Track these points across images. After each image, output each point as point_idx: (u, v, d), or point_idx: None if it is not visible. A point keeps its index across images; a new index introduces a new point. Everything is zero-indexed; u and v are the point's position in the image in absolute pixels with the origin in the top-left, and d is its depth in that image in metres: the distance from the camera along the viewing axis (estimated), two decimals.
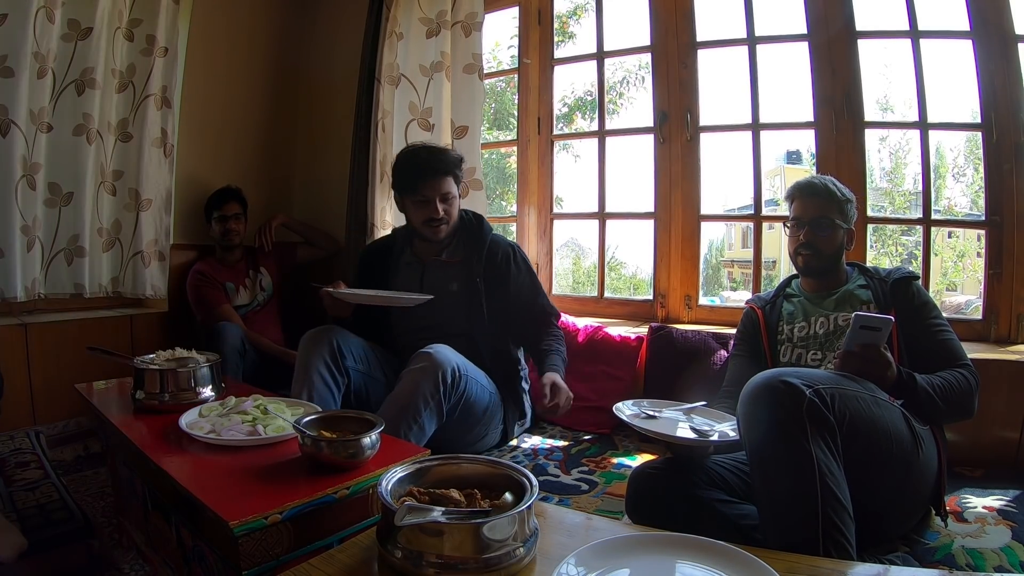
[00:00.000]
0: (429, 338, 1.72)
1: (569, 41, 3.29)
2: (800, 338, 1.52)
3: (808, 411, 1.00)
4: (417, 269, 1.90)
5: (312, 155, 3.12)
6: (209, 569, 1.05)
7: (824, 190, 1.49)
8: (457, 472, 0.89)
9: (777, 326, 1.57)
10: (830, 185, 1.50)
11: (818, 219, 1.46)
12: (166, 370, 1.42)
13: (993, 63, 1.83)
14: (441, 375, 1.54)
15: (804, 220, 1.49)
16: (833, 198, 1.49)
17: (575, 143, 3.32)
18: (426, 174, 1.75)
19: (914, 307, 1.41)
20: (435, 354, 1.56)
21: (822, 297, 1.53)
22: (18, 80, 2.07)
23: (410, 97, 2.56)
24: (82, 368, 2.00)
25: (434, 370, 1.54)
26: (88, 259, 2.36)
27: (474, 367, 1.70)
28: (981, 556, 1.19)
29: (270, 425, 1.18)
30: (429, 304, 1.75)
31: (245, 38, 2.90)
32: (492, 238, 1.90)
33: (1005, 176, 1.85)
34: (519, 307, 1.88)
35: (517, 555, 0.74)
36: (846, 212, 1.49)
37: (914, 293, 1.44)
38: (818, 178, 1.54)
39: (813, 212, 1.48)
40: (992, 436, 1.68)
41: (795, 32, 2.13)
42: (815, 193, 1.50)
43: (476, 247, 1.86)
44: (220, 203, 2.55)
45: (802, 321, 1.53)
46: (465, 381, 1.61)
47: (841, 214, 1.48)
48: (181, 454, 1.16)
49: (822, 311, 1.51)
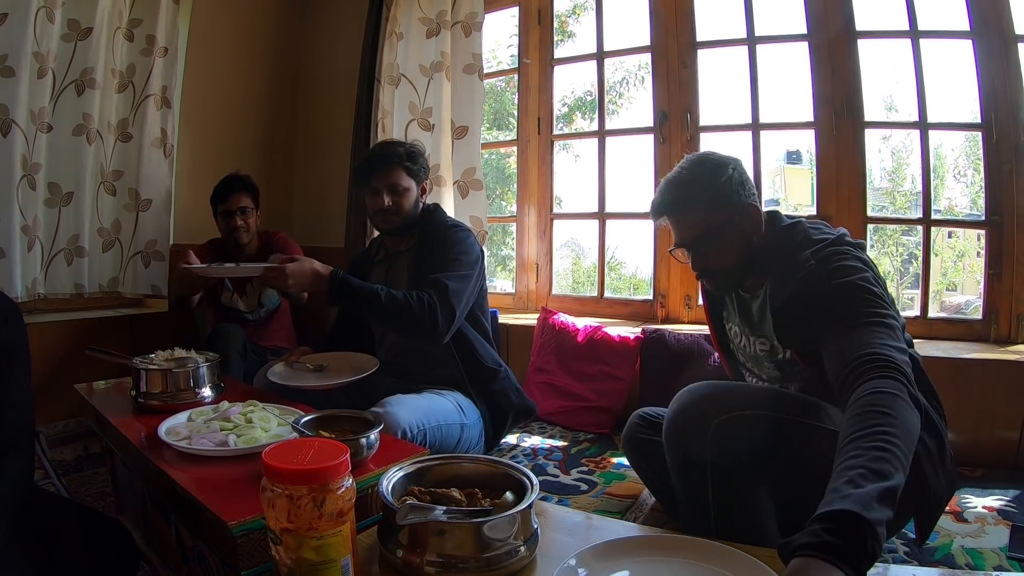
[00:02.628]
0: (400, 353, 1.73)
1: (569, 41, 3.28)
2: (739, 347, 1.31)
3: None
4: (385, 266, 1.85)
5: (312, 155, 3.12)
6: (208, 569, 1.05)
7: (678, 202, 1.15)
8: (457, 472, 0.89)
9: (722, 317, 1.35)
10: (682, 191, 1.14)
11: (690, 241, 1.14)
12: (165, 370, 1.42)
13: (993, 63, 1.84)
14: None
15: (678, 245, 1.18)
16: (693, 204, 1.13)
17: (575, 143, 3.32)
18: (375, 166, 1.75)
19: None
20: (384, 416, 1.40)
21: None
22: (18, 80, 2.07)
23: (410, 97, 2.56)
24: (82, 368, 2.00)
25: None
26: (88, 259, 2.37)
27: (436, 403, 1.56)
28: (980, 556, 1.19)
29: (243, 436, 1.17)
30: None
31: (245, 38, 2.90)
32: (442, 224, 1.76)
33: (1005, 176, 1.86)
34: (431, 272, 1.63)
35: (518, 554, 0.74)
36: (721, 199, 1.11)
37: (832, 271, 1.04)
38: (671, 184, 1.17)
39: (680, 234, 1.16)
40: (992, 436, 1.68)
41: (795, 32, 2.13)
42: (673, 211, 1.16)
43: (427, 237, 1.76)
44: (224, 195, 2.28)
45: (735, 326, 1.30)
46: (424, 435, 1.47)
47: (716, 208, 1.11)
48: (180, 455, 1.16)
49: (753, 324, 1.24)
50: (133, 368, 1.43)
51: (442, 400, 1.59)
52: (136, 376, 1.42)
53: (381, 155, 1.76)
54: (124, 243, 2.49)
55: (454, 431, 1.58)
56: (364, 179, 1.77)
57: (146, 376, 1.41)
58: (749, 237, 1.16)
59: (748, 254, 1.16)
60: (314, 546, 0.65)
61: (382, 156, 1.76)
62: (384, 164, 1.74)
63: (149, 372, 1.41)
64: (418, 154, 1.78)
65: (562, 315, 2.33)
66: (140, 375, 1.41)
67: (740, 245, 1.15)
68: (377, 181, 1.73)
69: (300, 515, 0.64)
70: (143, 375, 1.41)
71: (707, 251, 1.15)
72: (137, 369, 1.42)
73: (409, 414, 1.46)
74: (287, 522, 0.65)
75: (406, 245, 1.81)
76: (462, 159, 2.50)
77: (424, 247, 1.73)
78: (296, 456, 0.67)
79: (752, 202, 1.15)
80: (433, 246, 1.70)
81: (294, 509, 0.64)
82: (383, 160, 1.75)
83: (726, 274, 1.18)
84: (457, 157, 2.51)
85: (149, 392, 1.41)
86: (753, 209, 1.15)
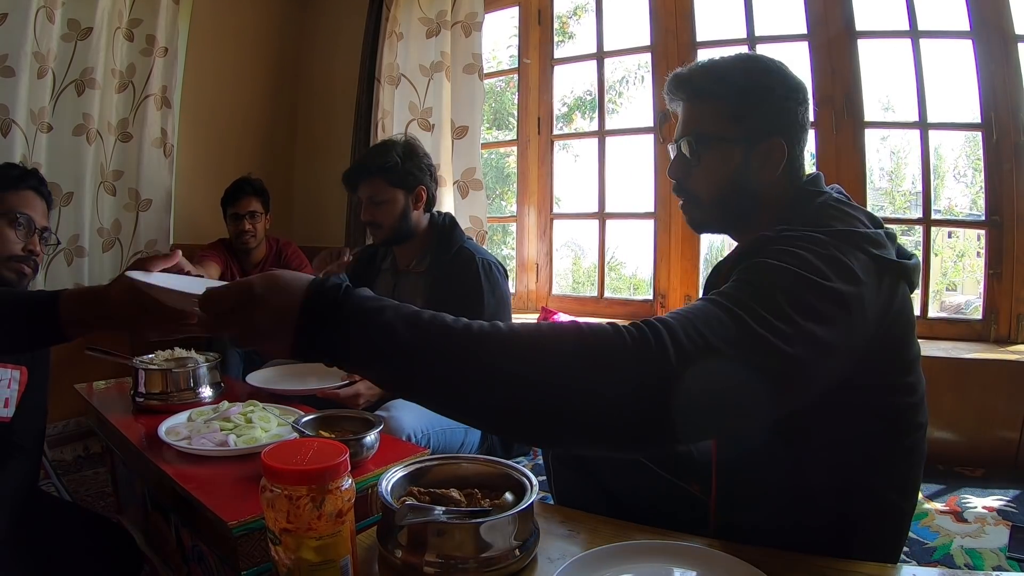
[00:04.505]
0: None
1: (569, 41, 3.28)
2: None
3: None
4: (391, 279, 1.78)
5: (312, 155, 3.12)
6: (208, 569, 1.05)
7: (696, 87, 0.92)
8: (457, 472, 0.89)
9: None
10: (709, 78, 0.91)
11: (683, 137, 0.93)
12: (165, 370, 1.42)
13: (993, 63, 1.84)
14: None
15: (675, 137, 0.97)
16: (711, 97, 0.90)
17: (575, 143, 3.32)
18: (349, 178, 1.69)
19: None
20: (389, 421, 1.39)
21: None
22: (18, 80, 2.07)
23: (410, 97, 2.56)
24: (82, 368, 2.00)
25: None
26: (88, 259, 2.36)
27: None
28: (980, 556, 1.19)
29: (243, 436, 1.17)
30: None
31: (245, 38, 2.90)
32: (461, 248, 1.67)
33: (1005, 176, 1.86)
34: None
35: (518, 555, 0.74)
36: (746, 112, 0.87)
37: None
38: (704, 66, 0.93)
39: (680, 124, 0.96)
40: (992, 436, 1.68)
41: (795, 32, 2.13)
42: (685, 92, 0.94)
43: (443, 258, 1.66)
44: (234, 199, 2.32)
45: None
46: (428, 440, 1.46)
47: (734, 118, 0.88)
48: (180, 455, 1.16)
49: None
50: (133, 368, 1.43)
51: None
52: (136, 376, 1.42)
53: (357, 167, 1.70)
54: (124, 243, 2.49)
55: (457, 435, 1.58)
56: (350, 189, 1.73)
57: (146, 376, 1.41)
58: (750, 176, 0.88)
59: (738, 197, 0.89)
60: (313, 546, 0.65)
61: (357, 168, 1.70)
62: (359, 176, 1.67)
63: (149, 372, 1.41)
64: (407, 157, 1.65)
65: (562, 315, 2.33)
66: (140, 375, 1.41)
67: (734, 179, 0.88)
68: (360, 192, 1.68)
69: (299, 515, 0.64)
70: (143, 375, 1.41)
71: (694, 161, 0.90)
72: (137, 369, 1.42)
73: (414, 419, 1.45)
74: (286, 522, 0.65)
75: (416, 264, 1.72)
76: (462, 159, 2.50)
77: (445, 282, 1.61)
78: (296, 456, 0.67)
79: (779, 140, 0.86)
80: (461, 287, 1.58)
81: (293, 509, 0.64)
82: (357, 172, 1.68)
83: (698, 203, 0.93)
84: (457, 157, 2.51)
85: (149, 392, 1.41)
86: (777, 148, 0.86)
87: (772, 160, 0.87)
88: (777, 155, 0.87)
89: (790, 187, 0.89)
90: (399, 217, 1.65)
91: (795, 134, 0.88)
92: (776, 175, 0.88)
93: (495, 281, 1.63)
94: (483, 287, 1.59)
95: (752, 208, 0.90)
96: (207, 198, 2.57)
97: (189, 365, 1.45)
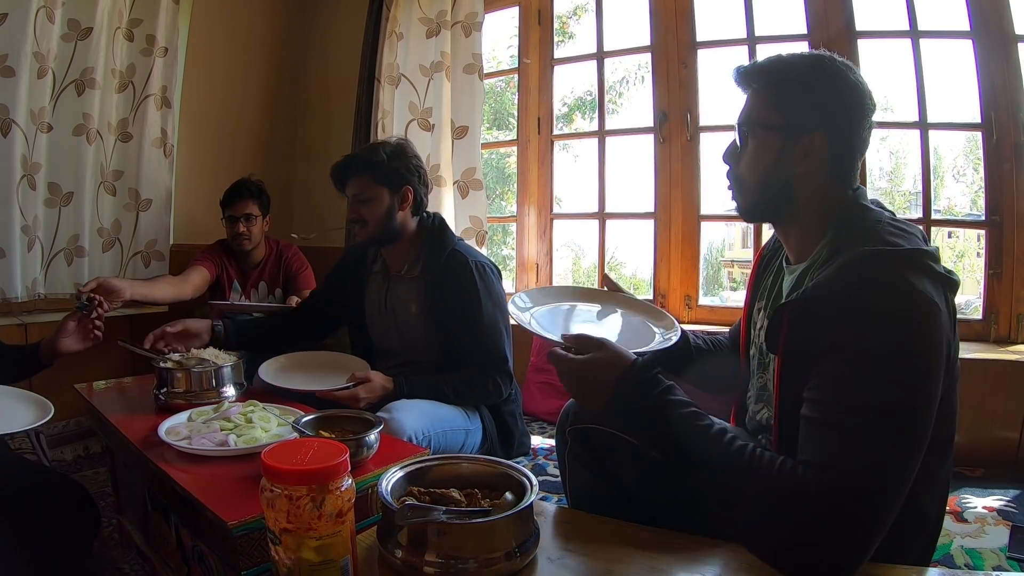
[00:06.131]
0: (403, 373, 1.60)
1: (569, 41, 3.28)
2: (754, 341, 1.07)
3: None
4: (383, 283, 1.75)
5: (312, 155, 3.12)
6: (208, 569, 1.05)
7: (763, 79, 0.94)
8: (457, 472, 0.89)
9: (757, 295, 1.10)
10: (776, 71, 0.92)
11: (739, 123, 0.96)
12: (189, 369, 1.43)
13: (993, 63, 1.83)
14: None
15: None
16: (771, 89, 0.92)
17: (575, 143, 3.32)
18: (334, 175, 1.69)
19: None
20: (390, 422, 1.38)
21: None
22: (18, 80, 2.07)
23: (410, 97, 2.56)
24: (82, 368, 2.00)
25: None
26: (88, 259, 2.37)
27: (442, 409, 1.54)
28: (980, 556, 1.19)
29: (244, 436, 1.17)
30: (394, 330, 1.70)
31: (245, 38, 2.90)
32: (453, 251, 1.64)
33: (1005, 176, 1.85)
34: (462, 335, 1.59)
35: (518, 554, 0.74)
36: (800, 106, 0.88)
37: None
38: (775, 60, 0.94)
39: (743, 111, 0.97)
40: (992, 436, 1.68)
41: (795, 32, 2.13)
42: (753, 82, 0.95)
43: (434, 261, 1.64)
44: (230, 201, 2.30)
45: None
46: (429, 441, 1.45)
47: (785, 109, 0.89)
48: (180, 455, 1.16)
49: None
50: (158, 367, 1.44)
51: (447, 406, 1.57)
52: (159, 375, 1.43)
53: (342, 161, 1.69)
54: (124, 243, 2.49)
55: (459, 436, 1.58)
56: (338, 187, 1.71)
57: (170, 375, 1.42)
58: (789, 167, 0.89)
59: (777, 187, 0.91)
60: (313, 546, 0.65)
61: (343, 163, 1.69)
62: (344, 171, 1.67)
63: (173, 371, 1.42)
64: (395, 156, 1.63)
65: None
66: (164, 374, 1.42)
67: (774, 167, 0.90)
68: (348, 189, 1.67)
69: (299, 515, 0.64)
70: (168, 374, 1.42)
71: (743, 147, 0.93)
72: (162, 368, 1.43)
73: (415, 420, 1.44)
74: (286, 522, 0.65)
75: (409, 269, 1.69)
76: (462, 159, 2.50)
77: (440, 287, 1.61)
78: (295, 456, 0.67)
79: (822, 135, 0.86)
80: (457, 293, 1.58)
81: (293, 509, 0.64)
82: (343, 167, 1.67)
83: (742, 189, 0.95)
84: (457, 157, 2.51)
85: (172, 390, 1.42)
86: (819, 142, 0.86)
87: (813, 155, 0.88)
88: (818, 151, 0.87)
89: (834, 190, 0.90)
90: (384, 216, 1.63)
91: (844, 135, 0.88)
92: (816, 171, 0.89)
93: (490, 283, 1.63)
94: (479, 291, 1.59)
95: (788, 200, 0.91)
96: (207, 198, 2.56)
97: (211, 365, 1.45)
